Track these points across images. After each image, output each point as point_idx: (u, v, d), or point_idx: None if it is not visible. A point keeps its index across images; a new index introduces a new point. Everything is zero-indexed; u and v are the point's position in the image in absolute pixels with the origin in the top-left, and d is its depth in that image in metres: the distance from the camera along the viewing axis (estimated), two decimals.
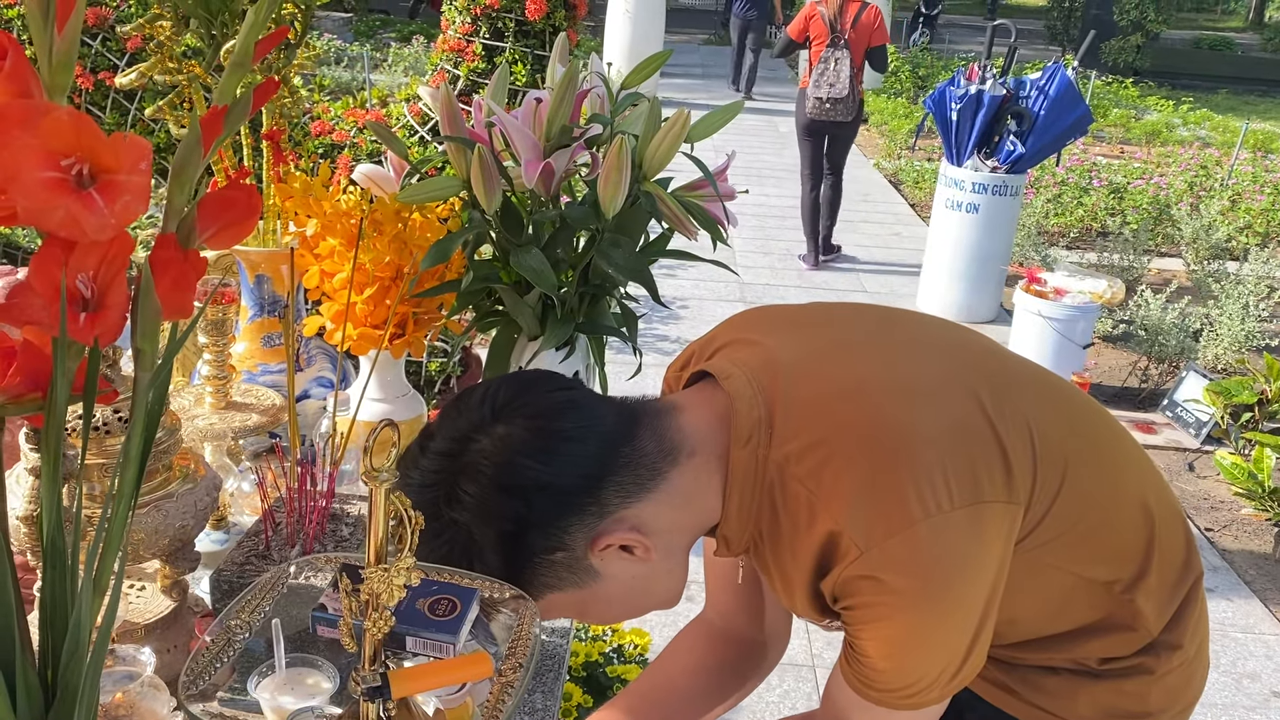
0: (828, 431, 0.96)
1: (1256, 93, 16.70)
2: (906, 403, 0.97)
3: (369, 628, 0.74)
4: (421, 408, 1.84)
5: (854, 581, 0.92)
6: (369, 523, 0.73)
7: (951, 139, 5.48)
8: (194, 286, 0.74)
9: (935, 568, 0.91)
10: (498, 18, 2.83)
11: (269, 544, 1.28)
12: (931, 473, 0.91)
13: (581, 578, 0.96)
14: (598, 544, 0.94)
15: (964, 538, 0.92)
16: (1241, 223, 7.18)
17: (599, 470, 0.94)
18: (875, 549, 0.90)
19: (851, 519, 0.91)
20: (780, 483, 0.96)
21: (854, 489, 0.92)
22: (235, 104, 0.73)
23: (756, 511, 0.98)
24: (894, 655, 0.95)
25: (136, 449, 0.77)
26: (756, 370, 1.01)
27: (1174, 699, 1.16)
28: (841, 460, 0.94)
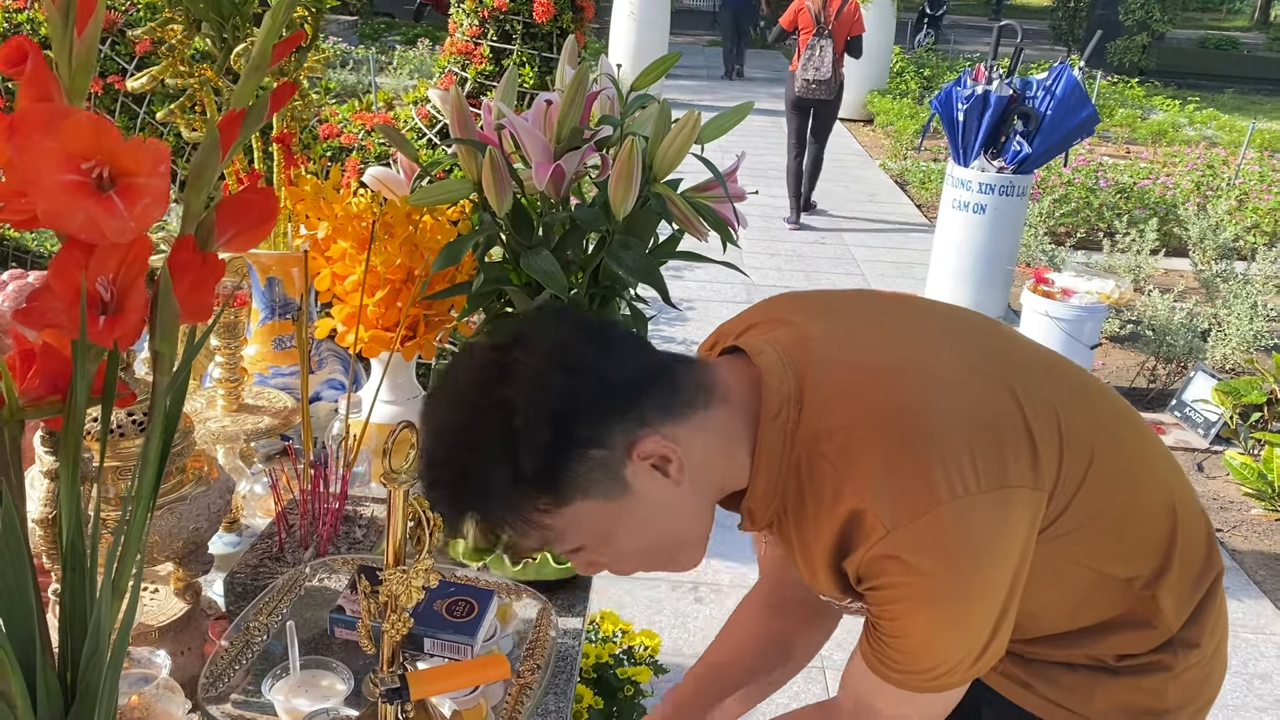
0: (857, 411, 0.96)
1: (1263, 92, 16.65)
2: (936, 387, 0.98)
3: (387, 629, 0.74)
4: None
5: (879, 561, 0.92)
6: (388, 524, 0.73)
7: (958, 139, 5.47)
8: (213, 289, 0.74)
9: (962, 550, 0.91)
10: (505, 20, 2.83)
11: (282, 546, 1.28)
12: (959, 455, 0.92)
13: (614, 488, 0.94)
14: (635, 451, 0.93)
15: (990, 521, 0.92)
16: (1249, 222, 7.17)
17: (644, 379, 0.95)
18: (901, 529, 0.90)
19: (877, 498, 0.91)
20: (807, 459, 0.96)
21: (881, 468, 0.92)
22: (252, 107, 0.74)
23: (782, 486, 0.99)
24: (919, 637, 0.96)
25: (155, 451, 0.77)
26: (788, 347, 1.01)
27: (1191, 697, 1.15)
28: (869, 439, 0.94)
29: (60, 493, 0.76)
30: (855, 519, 0.93)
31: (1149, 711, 1.13)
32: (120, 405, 1.02)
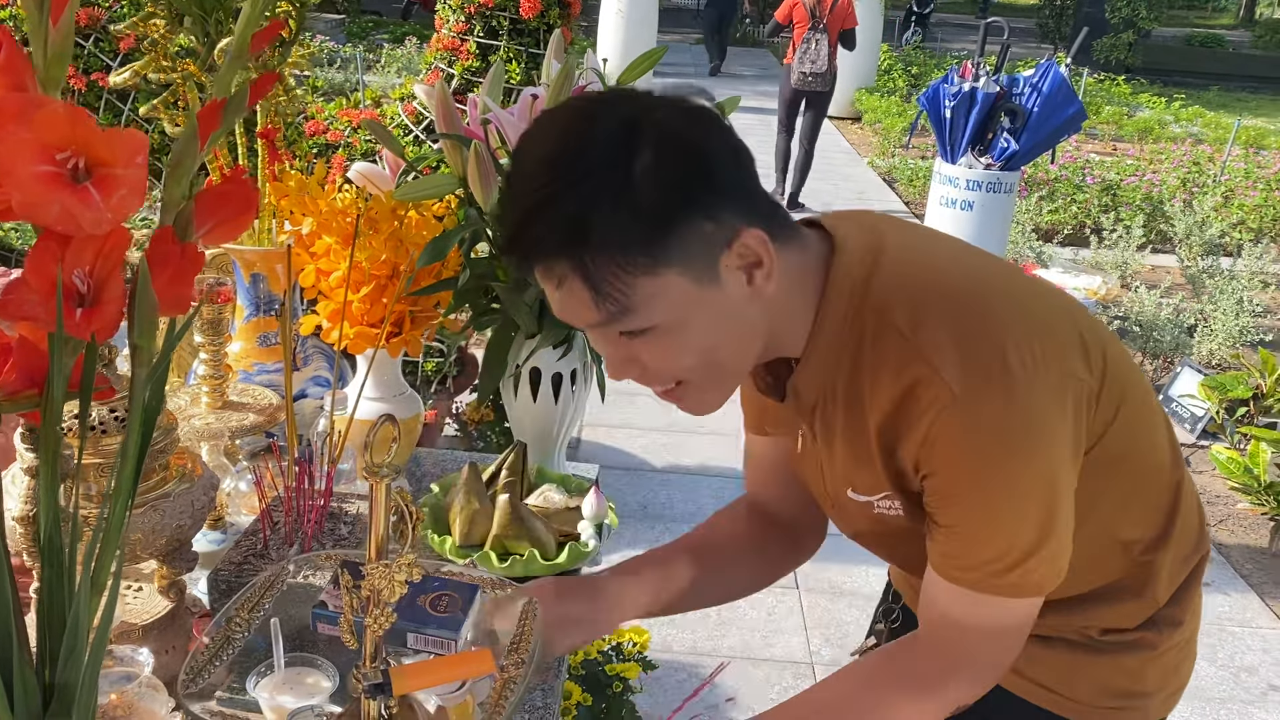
0: (929, 289, 0.95)
1: (1247, 89, 16.73)
2: (1006, 284, 0.99)
3: (370, 624, 0.74)
4: (419, 406, 1.83)
5: (941, 430, 0.91)
6: (370, 518, 0.73)
7: (945, 136, 5.47)
8: (192, 281, 0.73)
9: (1024, 421, 0.90)
10: (492, 16, 2.82)
11: (267, 543, 1.27)
12: (1029, 338, 0.92)
13: (705, 272, 0.89)
14: (738, 241, 0.89)
15: (1053, 399, 0.92)
16: (1234, 219, 7.20)
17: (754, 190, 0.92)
18: (970, 395, 0.89)
19: (948, 364, 0.90)
20: (874, 329, 0.94)
21: (953, 338, 0.91)
22: (232, 98, 0.73)
23: (837, 359, 0.97)
24: (977, 517, 0.93)
25: (134, 446, 0.76)
26: (862, 234, 0.99)
27: (1167, 679, 1.17)
28: (941, 312, 0.93)
29: (38, 488, 0.75)
30: (922, 385, 0.91)
31: (1127, 693, 1.15)
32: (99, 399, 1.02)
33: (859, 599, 2.90)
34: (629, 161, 0.84)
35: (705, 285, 0.90)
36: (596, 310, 0.89)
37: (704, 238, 0.88)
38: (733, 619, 2.89)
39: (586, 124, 0.87)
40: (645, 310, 0.89)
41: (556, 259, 0.88)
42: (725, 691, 2.60)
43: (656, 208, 0.85)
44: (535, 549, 1.48)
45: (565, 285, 0.89)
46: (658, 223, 0.86)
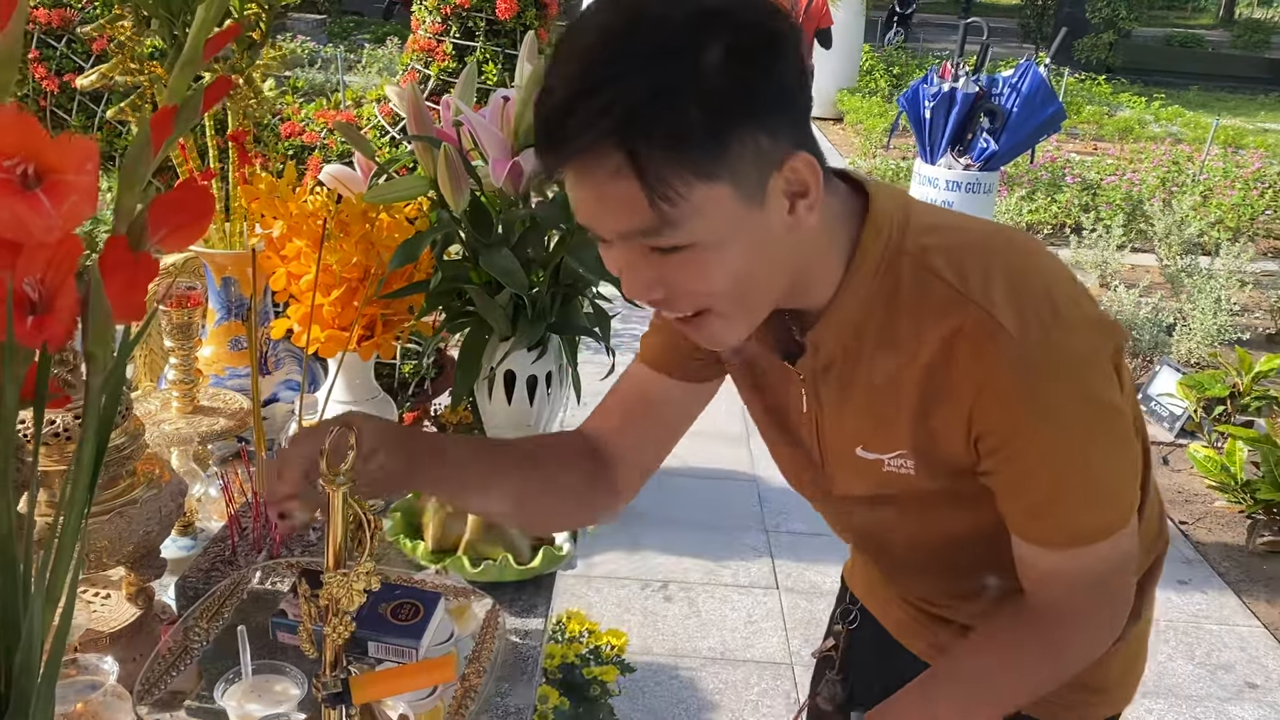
0: (963, 237, 0.93)
1: (1226, 89, 16.83)
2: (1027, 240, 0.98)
3: (329, 633, 0.73)
4: (392, 410, 1.83)
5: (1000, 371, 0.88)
6: (327, 527, 0.72)
7: (925, 137, 5.48)
8: (145, 288, 0.72)
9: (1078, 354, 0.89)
10: (468, 17, 2.81)
11: (235, 549, 1.26)
12: (1065, 281, 0.92)
13: (753, 191, 0.83)
14: (788, 164, 0.84)
15: (1098, 334, 0.91)
16: (1213, 218, 7.24)
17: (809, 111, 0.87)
18: (1025, 333, 0.87)
19: (997, 305, 0.87)
20: (913, 275, 0.91)
21: (1000, 282, 0.89)
22: (185, 103, 0.72)
23: (870, 305, 0.93)
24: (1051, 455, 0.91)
25: (89, 455, 0.76)
26: (888, 187, 0.97)
27: (1127, 672, 1.19)
28: (980, 257, 0.91)
29: None
30: (973, 326, 0.88)
31: (1091, 687, 1.16)
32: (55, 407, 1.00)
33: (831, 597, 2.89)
34: (700, 50, 0.78)
35: (750, 205, 0.84)
36: (645, 212, 0.81)
37: (759, 153, 0.82)
38: (712, 620, 2.89)
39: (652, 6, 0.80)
40: (689, 223, 0.82)
41: (610, 145, 0.78)
42: (706, 695, 2.60)
43: (722, 108, 0.79)
44: (508, 553, 1.47)
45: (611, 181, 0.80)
46: (721, 124, 0.79)
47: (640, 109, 0.77)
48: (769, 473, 3.76)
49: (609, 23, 0.80)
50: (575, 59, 0.81)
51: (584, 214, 0.86)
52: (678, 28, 0.78)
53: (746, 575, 3.08)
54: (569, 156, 0.81)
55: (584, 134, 0.79)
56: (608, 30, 0.80)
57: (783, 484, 1.23)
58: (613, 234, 0.85)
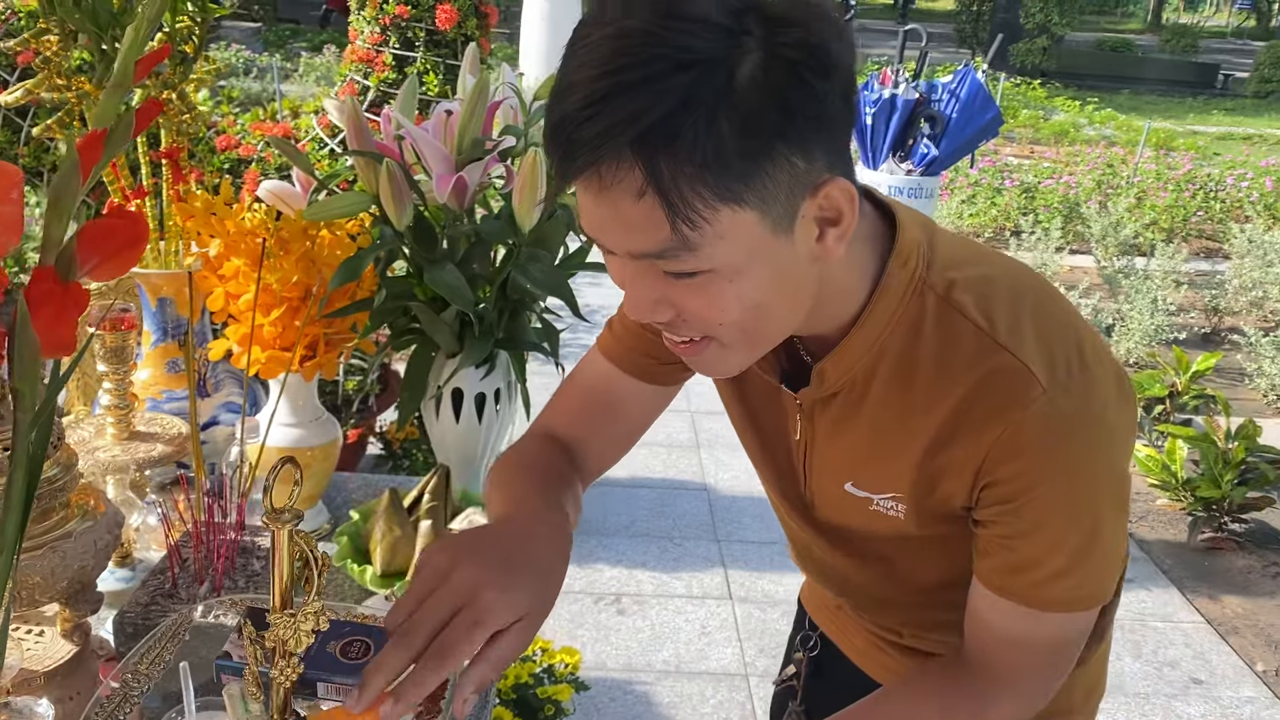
0: (992, 275, 0.89)
1: (1156, 92, 17.25)
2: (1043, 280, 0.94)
3: (276, 676, 0.70)
4: (336, 431, 1.78)
5: (1027, 425, 0.83)
6: (272, 567, 0.69)
7: (867, 143, 5.53)
8: (75, 321, 0.69)
9: (1103, 414, 0.85)
10: (407, 27, 2.77)
11: (175, 581, 1.22)
12: (1090, 332, 0.89)
13: (782, 218, 0.77)
14: (820, 191, 0.77)
15: (1121, 393, 0.88)
16: (1147, 219, 7.40)
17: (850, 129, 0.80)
18: (1059, 388, 0.83)
19: (1030, 354, 0.84)
20: (938, 311, 0.87)
21: (1031, 329, 0.85)
22: (115, 127, 0.69)
23: (889, 337, 0.88)
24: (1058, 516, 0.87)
25: (19, 494, 0.72)
26: (913, 214, 0.92)
27: (1089, 693, 1.17)
28: (1012, 297, 0.87)
29: None
30: (1004, 377, 0.84)
31: (1056, 711, 1.14)
32: None
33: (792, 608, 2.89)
34: (739, 58, 0.71)
35: (777, 232, 0.77)
36: (662, 233, 0.74)
37: (793, 177, 0.75)
38: (665, 634, 2.87)
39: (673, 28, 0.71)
40: (709, 249, 0.76)
41: (630, 159, 0.72)
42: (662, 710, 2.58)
43: (757, 126, 0.72)
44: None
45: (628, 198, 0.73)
46: (754, 145, 0.72)
47: (666, 121, 0.70)
48: (719, 481, 3.76)
49: (640, 22, 0.71)
50: (598, 57, 0.72)
51: (594, 227, 0.78)
52: (716, 30, 0.71)
53: (699, 586, 3.07)
54: (583, 167, 0.73)
55: (603, 144, 0.71)
56: (637, 27, 0.71)
57: (733, 493, 1.22)
58: (623, 251, 0.78)
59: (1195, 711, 2.75)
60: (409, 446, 3.16)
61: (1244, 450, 3.49)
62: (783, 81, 0.72)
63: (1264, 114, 15.42)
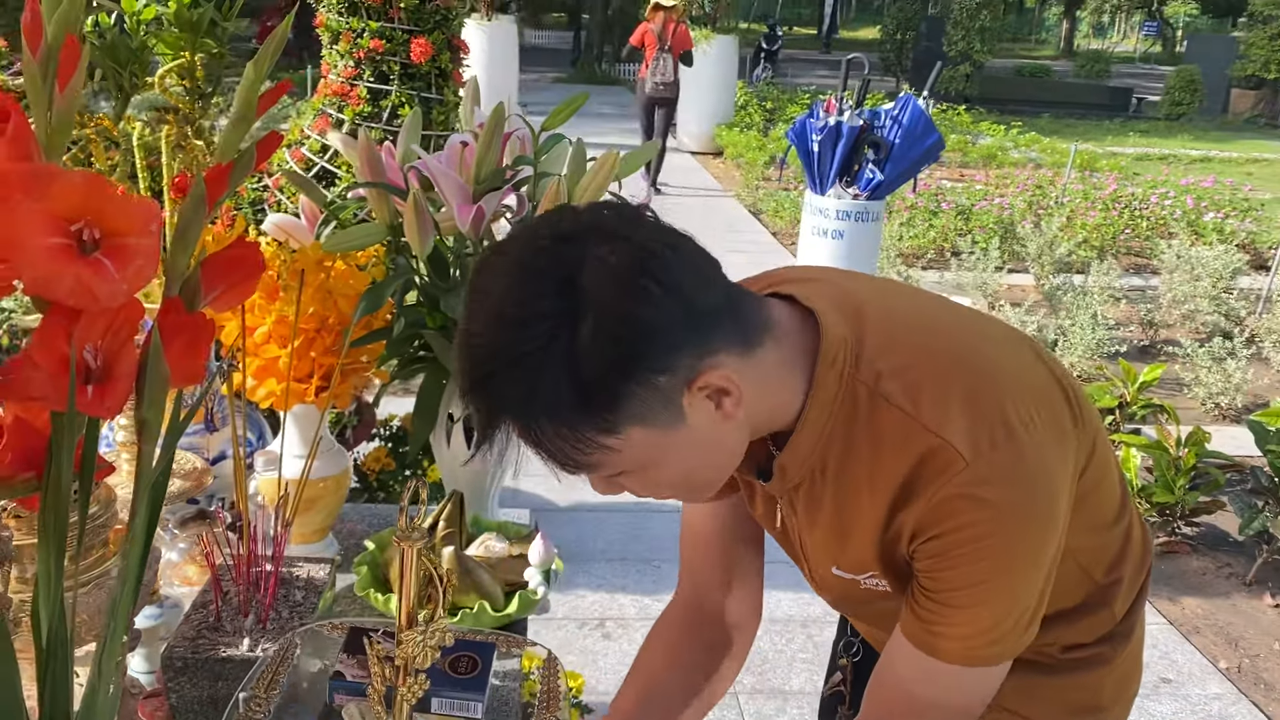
0: (918, 356, 0.94)
1: (1074, 115, 17.81)
2: (985, 340, 0.99)
3: (403, 692, 0.72)
4: (346, 462, 1.78)
5: (951, 502, 0.89)
6: (399, 585, 0.71)
7: (814, 169, 5.65)
8: (206, 350, 0.71)
9: (1033, 482, 0.91)
10: (382, 61, 2.78)
11: (219, 615, 1.22)
12: (1023, 398, 0.93)
13: (669, 417, 0.86)
14: (696, 383, 0.86)
15: (1056, 459, 0.93)
16: (1079, 238, 7.63)
17: (719, 305, 0.87)
18: (982, 460, 0.89)
19: (954, 433, 0.89)
20: (868, 404, 0.93)
21: (955, 407, 0.90)
22: (240, 159, 0.71)
23: (831, 434, 0.94)
24: (982, 588, 0.93)
25: (142, 527, 0.73)
26: (836, 299, 0.97)
27: (1121, 691, 1.21)
28: (937, 380, 0.92)
29: (39, 577, 0.71)
30: (930, 456, 0.90)
31: (1086, 708, 1.18)
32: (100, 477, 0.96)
33: (778, 624, 2.93)
34: (571, 333, 0.80)
35: (670, 427, 0.87)
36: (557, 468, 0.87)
37: (659, 391, 0.84)
38: None
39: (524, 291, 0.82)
40: (610, 463, 0.87)
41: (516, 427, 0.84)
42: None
43: (603, 382, 0.82)
44: (484, 600, 1.45)
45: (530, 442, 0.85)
46: (606, 395, 0.82)
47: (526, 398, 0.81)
48: None
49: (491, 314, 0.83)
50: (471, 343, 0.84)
51: None
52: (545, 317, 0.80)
53: None
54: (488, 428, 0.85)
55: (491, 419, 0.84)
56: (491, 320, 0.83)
57: None
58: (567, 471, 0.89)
59: (1167, 710, 2.84)
60: (385, 478, 3.14)
61: (1194, 456, 3.62)
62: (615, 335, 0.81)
63: (1177, 135, 16.02)
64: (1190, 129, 16.92)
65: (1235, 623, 3.30)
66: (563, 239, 0.83)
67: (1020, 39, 36.89)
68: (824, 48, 28.67)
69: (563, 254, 0.82)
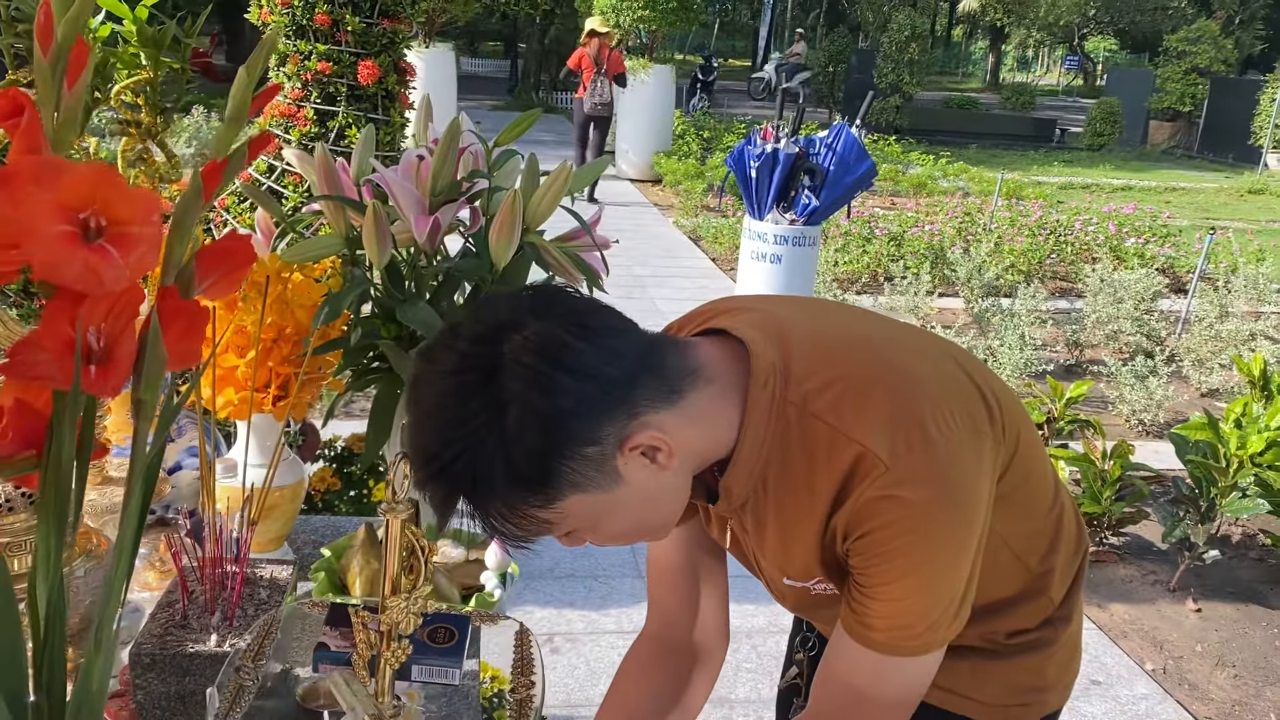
0: (841, 372, 1.02)
1: (1001, 146, 18.33)
2: (904, 353, 1.07)
3: (387, 657, 0.76)
4: (302, 472, 1.81)
5: (874, 503, 0.97)
6: (384, 555, 0.75)
7: (752, 195, 5.77)
8: (202, 334, 0.75)
9: (950, 481, 0.98)
10: (329, 83, 2.82)
11: (186, 613, 1.24)
12: (939, 404, 1.00)
13: (606, 480, 0.94)
14: (626, 445, 0.94)
15: (972, 459, 1.01)
16: (1007, 263, 7.87)
17: (636, 370, 0.94)
18: (900, 463, 0.96)
19: (875, 441, 0.97)
20: (798, 421, 1.00)
21: (875, 417, 0.98)
22: (233, 155, 0.76)
23: (768, 453, 1.02)
24: (907, 581, 0.99)
25: (136, 506, 0.77)
26: (763, 325, 1.05)
27: (1063, 673, 1.28)
28: (858, 394, 1.00)
29: (38, 552, 0.74)
30: (855, 465, 0.98)
31: (1030, 689, 1.25)
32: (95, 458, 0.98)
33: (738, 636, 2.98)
34: (500, 425, 0.89)
35: (608, 489, 0.95)
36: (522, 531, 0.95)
37: (591, 462, 0.93)
38: (600, 669, 2.92)
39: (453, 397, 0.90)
40: (558, 525, 0.96)
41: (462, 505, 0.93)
42: None
43: (535, 464, 0.90)
44: (440, 604, 1.49)
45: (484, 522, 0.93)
46: (540, 478, 0.91)
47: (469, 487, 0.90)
48: None
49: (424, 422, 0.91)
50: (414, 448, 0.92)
51: None
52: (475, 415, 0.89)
53: (629, 621, 3.14)
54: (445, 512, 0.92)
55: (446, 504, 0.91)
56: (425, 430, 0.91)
57: None
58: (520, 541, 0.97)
59: (1098, 710, 2.94)
60: (330, 498, 3.15)
61: (1119, 468, 3.76)
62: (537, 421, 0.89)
63: (1099, 165, 16.55)
64: (1111, 159, 17.51)
65: (1160, 627, 3.43)
66: (479, 340, 0.92)
67: (948, 72, 37.87)
68: None
69: (481, 355, 0.91)
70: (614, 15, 11.59)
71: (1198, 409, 5.44)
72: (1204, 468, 3.65)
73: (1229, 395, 5.56)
